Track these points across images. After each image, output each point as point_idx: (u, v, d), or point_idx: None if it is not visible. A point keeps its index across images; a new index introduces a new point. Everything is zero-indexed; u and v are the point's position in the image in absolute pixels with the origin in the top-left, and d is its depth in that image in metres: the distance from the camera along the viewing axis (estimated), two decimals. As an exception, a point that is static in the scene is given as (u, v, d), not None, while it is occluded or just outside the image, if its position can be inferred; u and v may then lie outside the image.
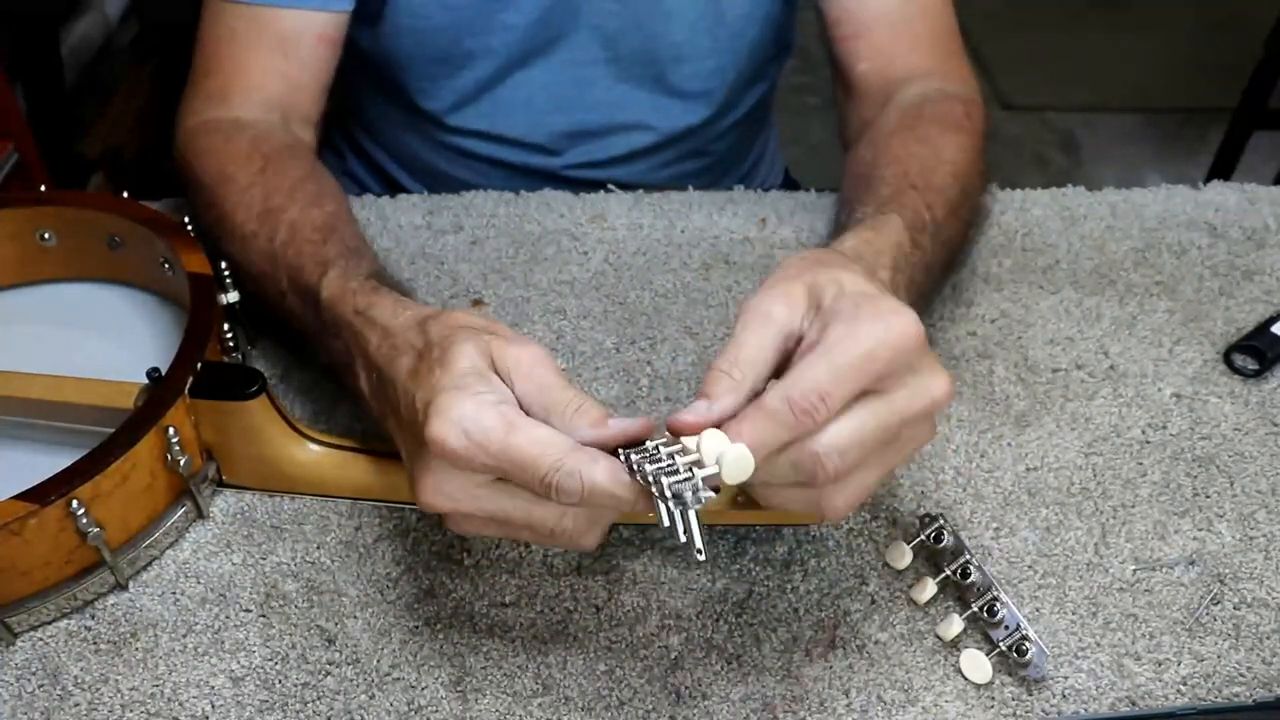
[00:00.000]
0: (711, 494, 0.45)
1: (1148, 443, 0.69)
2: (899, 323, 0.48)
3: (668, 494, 0.45)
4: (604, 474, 0.47)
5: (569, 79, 0.89)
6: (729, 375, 0.49)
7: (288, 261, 0.65)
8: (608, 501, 0.48)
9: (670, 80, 0.91)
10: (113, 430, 0.58)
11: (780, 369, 0.50)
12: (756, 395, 0.48)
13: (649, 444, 0.48)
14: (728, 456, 0.46)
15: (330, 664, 0.58)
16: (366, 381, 0.58)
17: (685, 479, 0.45)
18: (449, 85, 0.90)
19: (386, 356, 0.55)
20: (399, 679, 0.57)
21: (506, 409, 0.49)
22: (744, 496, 0.59)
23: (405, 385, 0.53)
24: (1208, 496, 0.66)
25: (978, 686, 0.57)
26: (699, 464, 0.46)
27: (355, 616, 0.60)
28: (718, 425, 0.48)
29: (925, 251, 0.64)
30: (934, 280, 0.68)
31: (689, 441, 0.47)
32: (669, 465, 0.46)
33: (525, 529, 0.51)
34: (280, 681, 0.57)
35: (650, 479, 0.46)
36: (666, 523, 0.46)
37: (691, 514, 0.45)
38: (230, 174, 0.71)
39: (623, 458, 0.48)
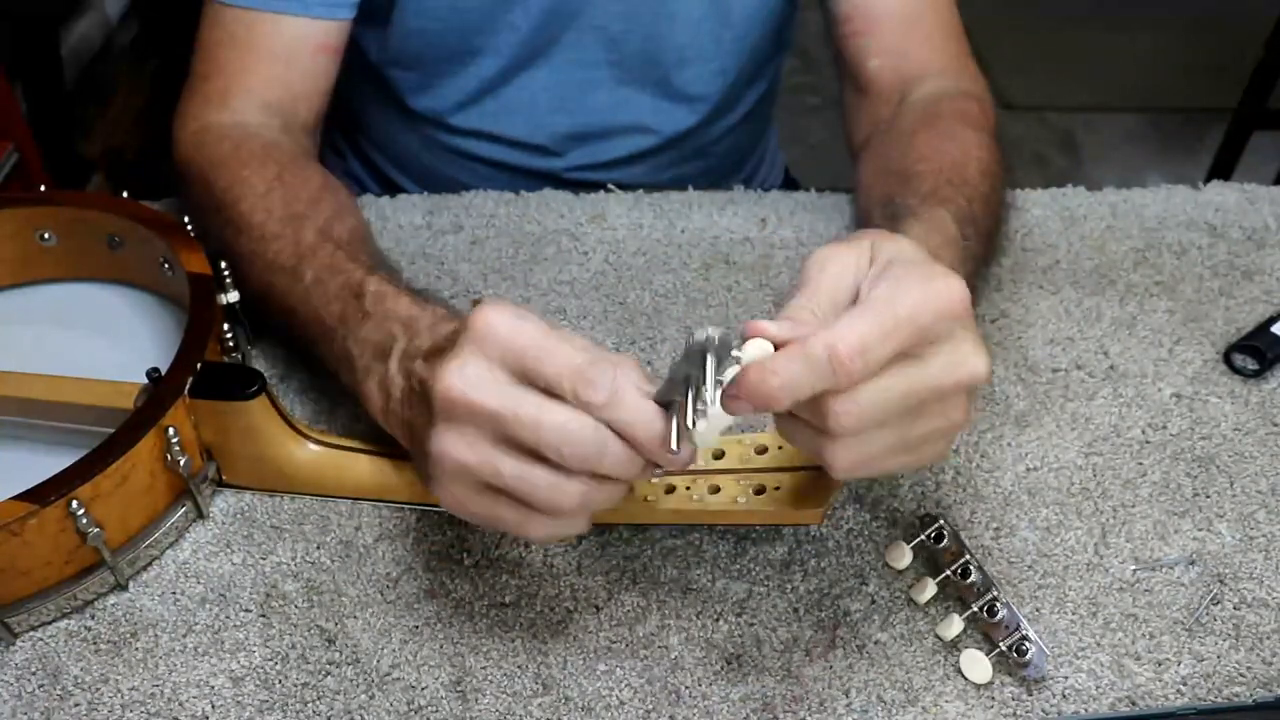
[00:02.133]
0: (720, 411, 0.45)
1: (1148, 443, 0.69)
2: (946, 286, 0.48)
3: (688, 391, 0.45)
4: (631, 375, 0.46)
5: (571, 81, 0.89)
6: (812, 312, 0.48)
7: (319, 260, 0.64)
8: (626, 419, 0.46)
9: (673, 83, 0.91)
10: (112, 430, 0.58)
11: None
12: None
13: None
14: (750, 349, 0.46)
15: (330, 664, 0.58)
16: (401, 379, 0.57)
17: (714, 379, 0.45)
18: (453, 85, 0.90)
19: (423, 362, 0.55)
20: (399, 679, 0.57)
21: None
22: (745, 497, 0.59)
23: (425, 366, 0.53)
24: (1208, 496, 0.66)
25: (978, 686, 0.57)
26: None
27: (355, 616, 0.60)
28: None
29: (971, 243, 0.64)
30: (979, 274, 0.67)
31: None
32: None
33: (520, 498, 0.49)
34: (280, 681, 0.57)
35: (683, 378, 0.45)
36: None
37: (689, 413, 0.45)
38: (245, 177, 0.71)
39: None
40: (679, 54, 0.89)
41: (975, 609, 0.59)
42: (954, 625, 0.58)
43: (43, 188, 0.74)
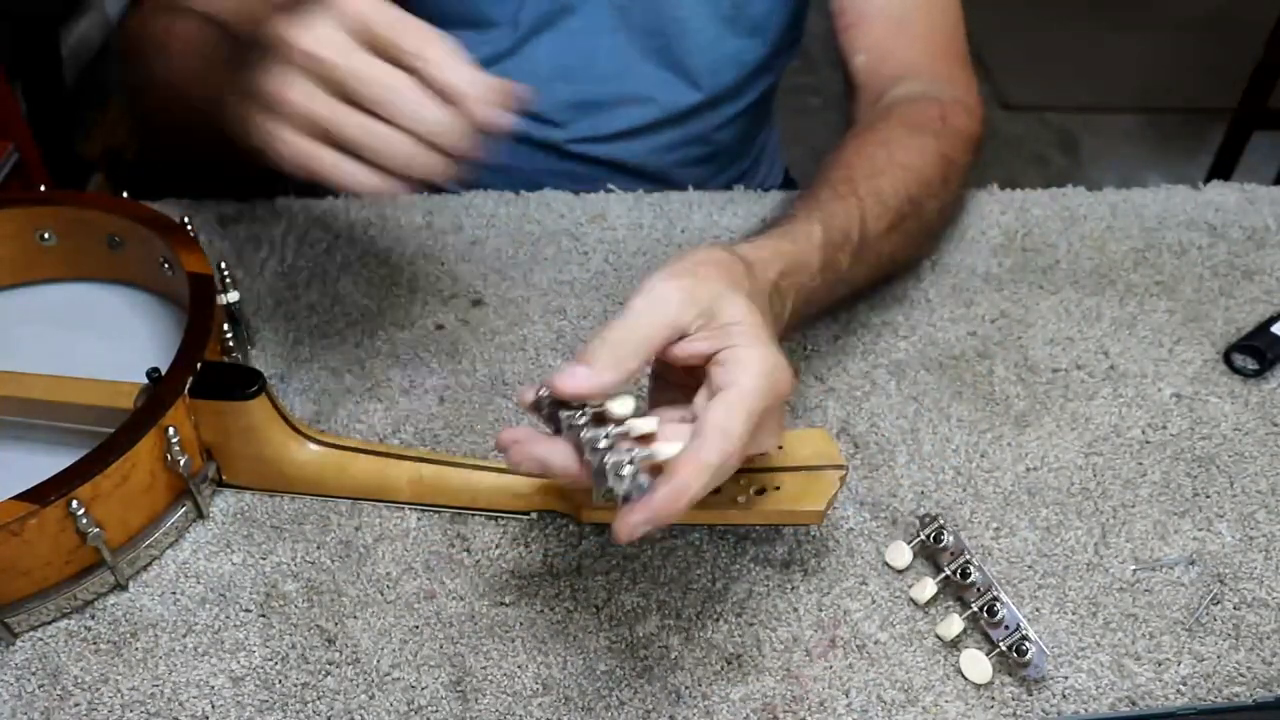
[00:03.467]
0: (648, 479, 0.48)
1: (1148, 443, 0.69)
2: (784, 379, 0.51)
3: (612, 476, 0.48)
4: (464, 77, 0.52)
5: (577, 49, 0.90)
6: (615, 352, 0.50)
7: None
8: (449, 78, 0.52)
9: (676, 54, 0.91)
10: (112, 430, 0.58)
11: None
12: (631, 371, 0.51)
13: (574, 410, 0.50)
14: (663, 453, 0.49)
15: (330, 664, 0.58)
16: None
17: (628, 461, 0.48)
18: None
19: None
20: (399, 679, 0.57)
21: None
22: (745, 497, 0.59)
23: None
24: (1208, 496, 0.66)
25: (978, 686, 0.57)
26: (626, 435, 0.50)
27: (355, 616, 0.60)
28: (586, 392, 0.50)
29: (840, 268, 0.65)
30: (849, 291, 0.69)
31: (621, 409, 0.50)
32: (605, 437, 0.49)
33: (353, 147, 0.53)
34: (280, 681, 0.57)
35: (591, 452, 0.49)
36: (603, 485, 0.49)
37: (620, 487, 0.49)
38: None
39: (560, 421, 0.51)
40: (682, 25, 0.89)
41: (975, 609, 0.59)
42: (954, 625, 0.58)
43: (43, 188, 0.74)
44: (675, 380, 0.55)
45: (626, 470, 0.48)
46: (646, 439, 0.51)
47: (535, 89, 0.91)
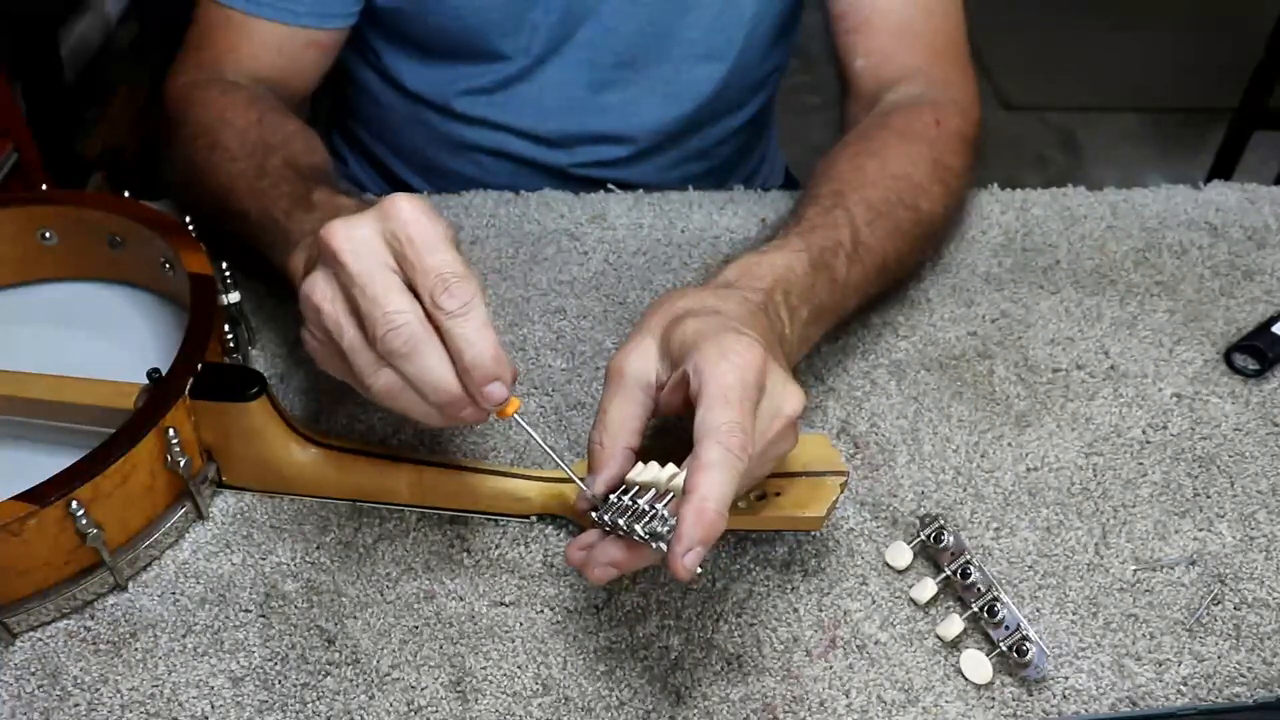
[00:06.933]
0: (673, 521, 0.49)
1: (1148, 443, 0.69)
2: (746, 353, 0.51)
3: (645, 536, 0.49)
4: (437, 358, 0.49)
5: (581, 79, 0.90)
6: (600, 444, 0.54)
7: (279, 174, 0.68)
8: (464, 335, 0.49)
9: (680, 81, 0.91)
10: (113, 431, 0.58)
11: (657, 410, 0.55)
12: (633, 449, 0.54)
13: (612, 497, 0.52)
14: (677, 482, 0.50)
15: (330, 664, 0.58)
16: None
17: (651, 516, 0.50)
18: (468, 81, 0.90)
19: None
20: (399, 679, 0.57)
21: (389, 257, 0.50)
22: (746, 503, 0.59)
23: None
24: (1208, 496, 0.66)
25: (978, 687, 0.57)
26: (654, 495, 0.51)
27: (355, 616, 0.60)
28: (611, 488, 0.53)
29: (836, 271, 0.65)
30: (860, 298, 0.69)
31: (644, 476, 0.52)
32: (632, 507, 0.51)
33: (348, 358, 0.51)
34: (280, 681, 0.57)
35: (625, 530, 0.50)
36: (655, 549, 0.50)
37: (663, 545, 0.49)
38: (229, 119, 0.74)
39: (595, 517, 0.53)
40: (690, 48, 0.89)
41: (975, 609, 0.59)
42: (954, 625, 0.58)
43: (44, 187, 0.74)
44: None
45: (656, 522, 0.49)
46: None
47: (542, 118, 0.92)
